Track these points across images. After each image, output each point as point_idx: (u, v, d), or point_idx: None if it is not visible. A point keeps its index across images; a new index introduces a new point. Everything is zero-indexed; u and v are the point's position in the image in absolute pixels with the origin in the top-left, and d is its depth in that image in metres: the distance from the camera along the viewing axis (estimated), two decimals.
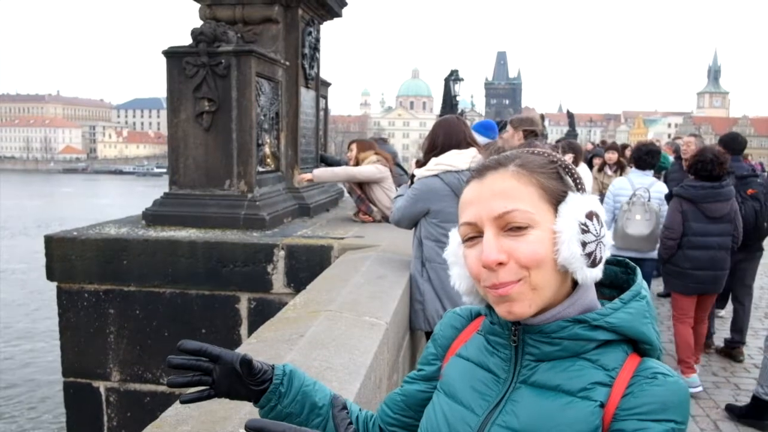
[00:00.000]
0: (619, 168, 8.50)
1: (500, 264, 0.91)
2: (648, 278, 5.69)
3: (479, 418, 0.98)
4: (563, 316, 0.95)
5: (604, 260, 0.96)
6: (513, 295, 0.92)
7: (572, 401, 0.91)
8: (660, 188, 5.38)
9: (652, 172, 5.63)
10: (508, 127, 5.39)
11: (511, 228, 0.93)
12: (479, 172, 0.99)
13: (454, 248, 1.06)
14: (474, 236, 0.96)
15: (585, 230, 0.93)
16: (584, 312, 0.96)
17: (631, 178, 5.56)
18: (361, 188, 5.25)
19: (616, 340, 0.95)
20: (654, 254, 5.22)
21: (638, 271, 1.03)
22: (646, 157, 5.46)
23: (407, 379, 1.20)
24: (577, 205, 0.95)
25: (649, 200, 5.22)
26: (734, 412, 4.37)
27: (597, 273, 0.95)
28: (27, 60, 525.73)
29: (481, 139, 4.98)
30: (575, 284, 0.98)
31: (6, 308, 15.05)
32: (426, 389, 1.15)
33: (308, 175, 5.27)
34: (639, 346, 0.96)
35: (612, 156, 8.71)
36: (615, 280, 1.05)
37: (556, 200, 0.96)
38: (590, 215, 0.95)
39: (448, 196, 3.20)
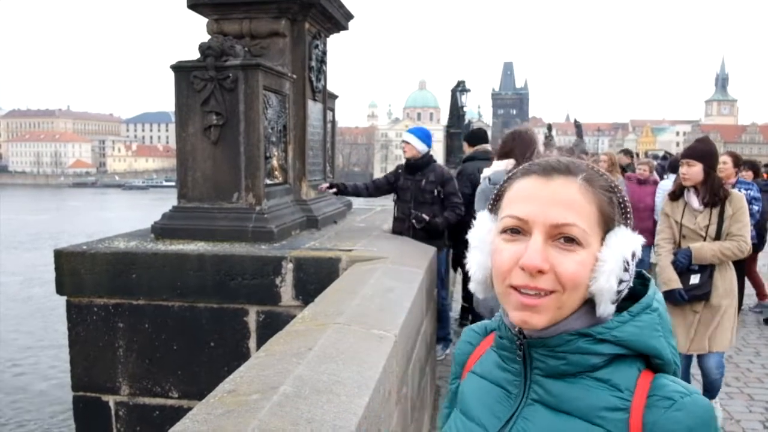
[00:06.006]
0: (716, 199, 3.91)
1: (540, 272, 0.88)
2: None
3: None
4: (567, 330, 0.93)
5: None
6: (539, 307, 0.90)
7: (588, 427, 0.89)
8: None
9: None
10: None
11: (560, 239, 0.90)
12: (545, 170, 0.95)
13: (482, 234, 1.02)
14: (516, 230, 0.93)
15: (626, 268, 0.91)
16: (592, 325, 0.93)
17: None
18: None
19: (628, 355, 0.92)
20: None
21: (652, 282, 1.00)
22: None
23: (444, 410, 1.19)
24: (625, 239, 0.93)
25: None
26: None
27: (613, 309, 0.93)
28: (37, 76, 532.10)
29: (422, 145, 5.07)
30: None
31: (6, 320, 15.14)
32: None
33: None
34: (652, 361, 0.93)
35: (693, 170, 3.94)
36: (632, 291, 1.01)
37: (606, 227, 0.93)
38: (633, 255, 0.93)
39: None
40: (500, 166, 3.86)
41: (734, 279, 4.00)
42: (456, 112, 20.81)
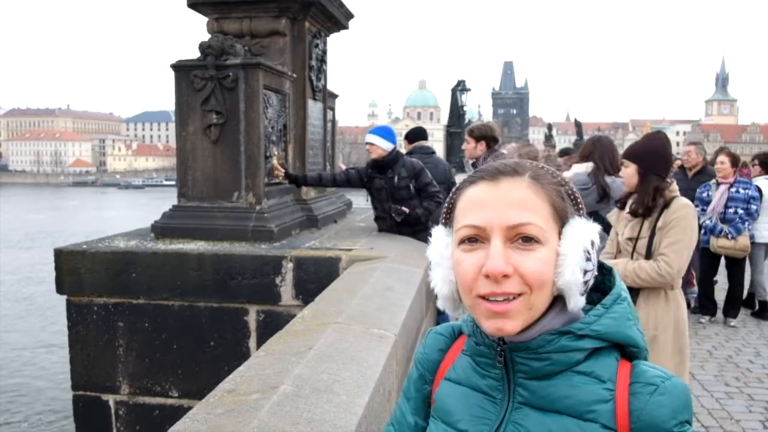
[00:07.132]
0: (646, 208, 3.29)
1: (504, 276, 0.88)
2: None
3: None
4: (548, 330, 0.93)
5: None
6: (510, 312, 0.89)
7: (579, 424, 0.90)
8: None
9: None
10: (468, 138, 5.39)
11: (519, 240, 0.90)
12: (492, 175, 0.95)
13: (440, 249, 1.01)
14: (473, 239, 0.92)
15: (588, 258, 0.92)
16: (568, 322, 0.94)
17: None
18: None
19: (605, 347, 0.94)
20: None
21: (614, 271, 1.02)
22: None
23: (408, 418, 1.14)
24: (582, 230, 0.94)
25: None
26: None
27: (583, 301, 0.94)
28: (37, 74, 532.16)
29: (386, 143, 5.05)
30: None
31: (5, 320, 15.15)
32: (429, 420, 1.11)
33: None
34: (626, 349, 0.95)
35: (626, 173, 3.38)
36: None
37: (562, 221, 0.94)
38: (592, 243, 0.93)
39: None
40: (580, 169, 4.05)
41: (672, 310, 3.09)
42: (456, 111, 20.87)
